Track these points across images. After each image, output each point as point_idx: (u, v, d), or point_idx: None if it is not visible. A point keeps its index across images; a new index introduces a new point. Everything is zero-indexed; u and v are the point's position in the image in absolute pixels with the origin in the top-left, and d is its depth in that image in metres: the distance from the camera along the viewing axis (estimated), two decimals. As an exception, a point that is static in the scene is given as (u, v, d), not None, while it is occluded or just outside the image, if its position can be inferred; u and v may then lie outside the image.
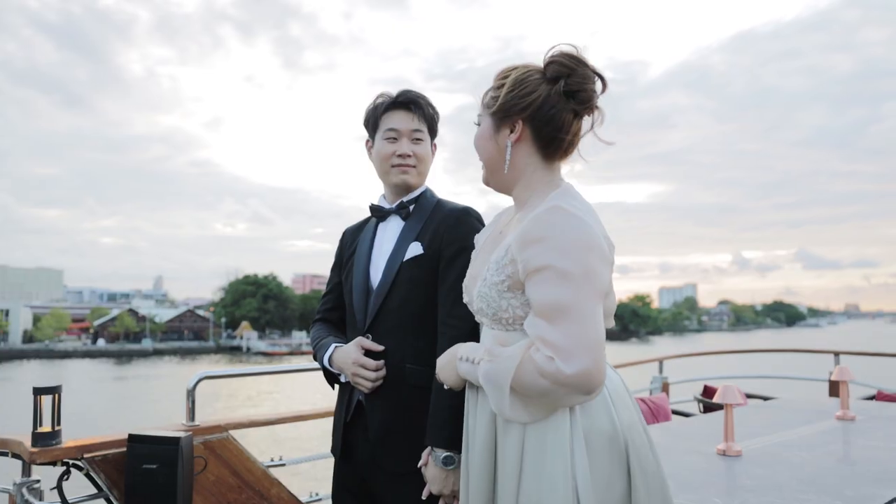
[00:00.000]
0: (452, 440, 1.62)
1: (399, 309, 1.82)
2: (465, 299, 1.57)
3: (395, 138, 1.91)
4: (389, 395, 1.80)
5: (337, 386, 1.97)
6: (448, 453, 1.62)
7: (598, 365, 1.24)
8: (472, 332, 1.68)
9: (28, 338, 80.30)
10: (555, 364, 1.23)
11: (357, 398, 1.87)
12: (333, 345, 1.91)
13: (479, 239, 1.66)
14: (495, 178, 1.54)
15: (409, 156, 1.90)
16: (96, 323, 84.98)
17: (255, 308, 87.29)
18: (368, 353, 1.82)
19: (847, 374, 3.00)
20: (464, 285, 1.59)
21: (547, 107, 1.43)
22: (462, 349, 1.49)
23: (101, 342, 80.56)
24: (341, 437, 1.90)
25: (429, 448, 1.67)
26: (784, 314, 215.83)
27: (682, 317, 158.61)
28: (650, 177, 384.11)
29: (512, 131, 1.46)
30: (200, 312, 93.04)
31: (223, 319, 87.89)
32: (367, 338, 1.84)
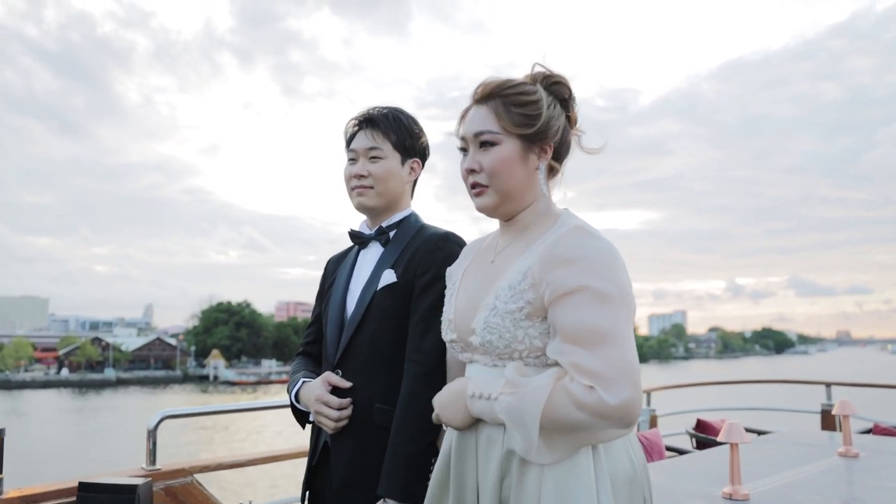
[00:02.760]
0: (406, 490, 1.52)
1: (369, 342, 1.73)
2: (452, 336, 1.46)
3: (353, 159, 1.85)
4: (356, 437, 1.69)
5: (309, 426, 1.87)
6: None
7: (639, 394, 1.17)
8: (438, 369, 1.59)
9: (-12, 368, 78.37)
10: (596, 394, 1.14)
11: (324, 439, 1.77)
12: (302, 380, 1.82)
13: (454, 272, 1.57)
14: (512, 205, 1.43)
15: (363, 176, 1.82)
16: (62, 352, 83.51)
17: (227, 336, 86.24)
18: (336, 390, 1.72)
19: (849, 408, 2.94)
20: (446, 320, 1.48)
21: (565, 132, 1.43)
22: (472, 385, 1.35)
23: (64, 371, 79.13)
24: (306, 481, 1.81)
25: (381, 501, 1.56)
26: (773, 341, 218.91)
27: (668, 344, 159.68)
28: (642, 204, 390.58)
29: (542, 156, 1.41)
30: (170, 340, 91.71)
31: (192, 348, 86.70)
32: (337, 373, 1.75)
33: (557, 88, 1.42)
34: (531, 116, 1.37)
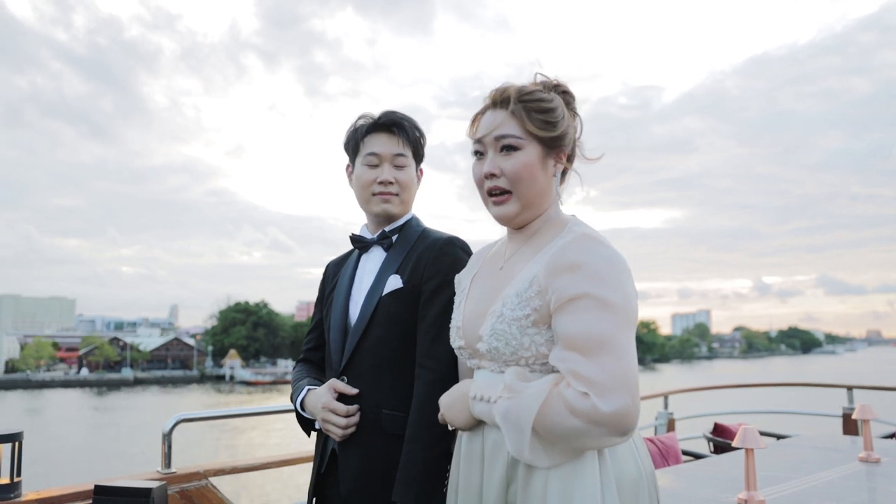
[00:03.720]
0: (421, 498, 1.53)
1: (376, 348, 1.72)
2: (460, 343, 1.47)
3: (376, 164, 1.82)
4: (364, 444, 1.69)
5: (314, 433, 1.87)
6: None
7: (636, 404, 1.17)
8: (450, 375, 1.60)
9: (10, 367, 79.93)
10: (590, 401, 1.15)
11: (332, 446, 1.78)
12: (307, 388, 1.82)
13: (463, 279, 1.58)
14: (530, 213, 1.44)
15: (390, 182, 1.81)
16: (82, 352, 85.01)
17: (244, 336, 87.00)
18: (342, 396, 1.72)
19: (869, 413, 2.91)
20: (455, 327, 1.50)
21: (575, 140, 1.47)
22: (474, 387, 1.38)
23: (84, 371, 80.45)
24: (314, 489, 1.82)
25: None
26: (799, 341, 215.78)
27: (691, 344, 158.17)
28: (665, 202, 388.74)
29: (558, 163, 1.44)
30: (189, 340, 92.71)
31: (210, 347, 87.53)
32: (343, 380, 1.75)
33: (567, 97, 1.46)
34: (551, 123, 1.39)
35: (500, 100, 1.42)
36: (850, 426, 4.63)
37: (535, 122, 1.38)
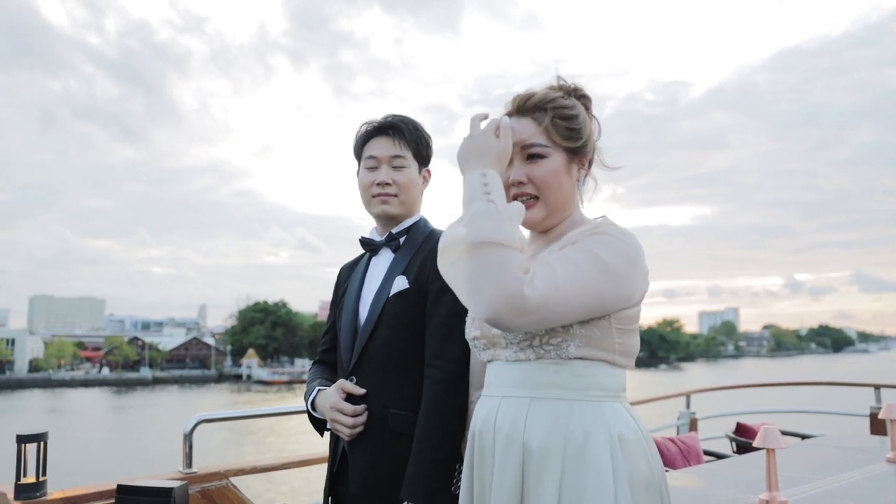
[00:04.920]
0: (429, 498, 1.56)
1: (383, 349, 1.78)
2: (475, 332, 1.48)
3: (374, 166, 1.88)
4: (372, 443, 1.74)
5: (327, 433, 1.93)
6: None
7: (541, 311, 1.20)
8: (461, 375, 1.63)
9: (34, 367, 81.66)
10: (525, 278, 1.19)
11: (342, 445, 1.83)
12: (317, 388, 1.88)
13: None
14: (555, 218, 1.49)
15: (388, 184, 1.86)
16: (104, 351, 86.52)
17: (263, 335, 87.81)
18: (350, 396, 1.77)
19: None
20: (470, 318, 1.52)
21: (596, 140, 1.51)
22: (486, 179, 1.34)
23: (105, 371, 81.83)
24: (328, 487, 1.87)
25: None
26: (830, 339, 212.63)
27: (717, 342, 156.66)
28: (693, 199, 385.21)
29: (581, 168, 1.49)
30: (209, 340, 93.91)
31: (229, 347, 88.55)
32: (351, 380, 1.80)
33: (585, 102, 1.49)
34: (575, 130, 1.44)
35: (525, 107, 1.46)
36: (878, 426, 4.59)
37: (560, 130, 1.43)
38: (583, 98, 1.50)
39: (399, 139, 1.88)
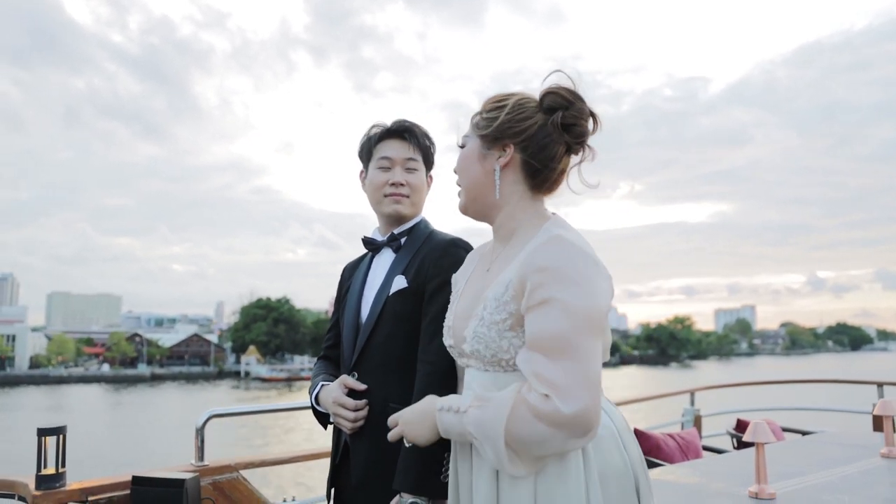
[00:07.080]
0: (418, 485, 1.67)
1: (384, 346, 1.89)
2: (450, 342, 1.57)
3: (388, 167, 1.99)
4: (372, 437, 1.85)
5: (330, 427, 2.04)
6: (414, 499, 1.66)
7: (596, 405, 1.25)
8: (449, 370, 1.72)
9: (35, 363, 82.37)
10: (552, 403, 1.23)
11: (344, 439, 1.95)
12: (321, 384, 1.99)
13: (459, 279, 1.68)
14: (476, 205, 1.56)
15: (402, 184, 1.98)
16: (105, 348, 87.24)
17: (265, 332, 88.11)
18: (352, 392, 1.89)
19: (891, 409, 2.99)
20: (446, 326, 1.60)
21: (541, 135, 1.48)
22: (441, 399, 1.44)
23: (105, 367, 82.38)
24: (331, 479, 1.99)
25: (398, 496, 1.71)
26: (848, 337, 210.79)
27: (730, 340, 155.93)
28: (712, 195, 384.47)
29: (501, 155, 1.50)
30: (208, 336, 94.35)
31: (230, 343, 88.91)
32: (353, 376, 1.92)
33: (548, 98, 1.49)
34: (489, 119, 1.52)
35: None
36: (880, 423, 4.68)
37: (477, 119, 1.56)
38: (548, 95, 1.49)
39: (413, 143, 2.00)
